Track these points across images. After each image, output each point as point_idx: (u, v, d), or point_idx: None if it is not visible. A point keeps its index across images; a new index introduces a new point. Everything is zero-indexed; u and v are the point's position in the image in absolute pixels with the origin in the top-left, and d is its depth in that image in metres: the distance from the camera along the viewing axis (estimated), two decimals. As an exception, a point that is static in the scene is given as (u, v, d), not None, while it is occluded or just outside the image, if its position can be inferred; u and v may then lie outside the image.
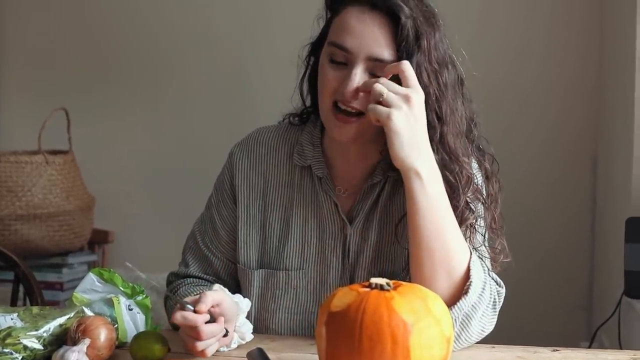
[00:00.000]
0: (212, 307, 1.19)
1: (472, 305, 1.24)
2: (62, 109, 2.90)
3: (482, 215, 1.33)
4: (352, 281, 1.38)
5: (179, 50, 3.18)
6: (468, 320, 1.24)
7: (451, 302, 1.23)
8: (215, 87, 3.15)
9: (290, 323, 1.39)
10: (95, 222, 3.08)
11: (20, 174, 2.79)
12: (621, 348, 2.10)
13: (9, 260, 1.96)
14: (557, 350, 1.27)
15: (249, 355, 1.18)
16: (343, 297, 1.06)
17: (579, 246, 2.86)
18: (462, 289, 1.23)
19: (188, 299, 1.19)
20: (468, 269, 1.24)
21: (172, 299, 1.46)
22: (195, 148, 3.13)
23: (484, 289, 1.25)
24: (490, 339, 1.36)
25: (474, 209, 1.31)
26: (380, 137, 1.30)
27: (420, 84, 1.24)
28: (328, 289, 1.38)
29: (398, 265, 1.37)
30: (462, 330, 1.25)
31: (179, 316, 1.15)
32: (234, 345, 1.26)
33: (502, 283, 1.33)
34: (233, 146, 1.48)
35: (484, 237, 1.34)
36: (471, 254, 1.26)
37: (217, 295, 1.21)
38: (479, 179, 1.36)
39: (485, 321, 1.28)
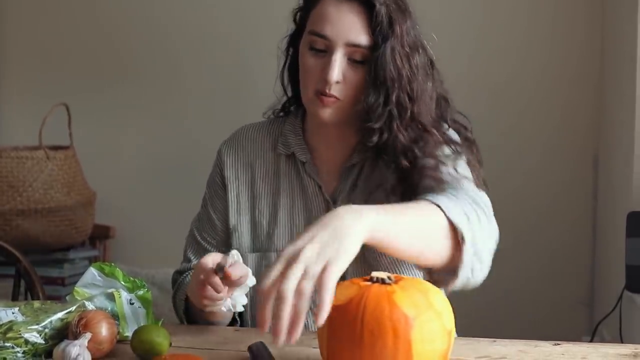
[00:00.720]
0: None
1: (472, 239, 1.18)
2: (63, 104, 2.90)
3: (457, 161, 1.36)
4: None
5: (181, 46, 3.18)
6: (479, 253, 1.20)
7: (458, 254, 1.18)
8: (218, 83, 3.15)
9: None
10: (97, 218, 3.09)
11: (21, 169, 2.80)
12: (622, 342, 2.11)
13: (10, 256, 1.96)
14: (558, 344, 1.27)
15: (250, 348, 1.18)
16: (344, 290, 1.05)
17: (581, 241, 2.86)
18: (457, 237, 1.18)
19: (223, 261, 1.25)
20: (447, 217, 1.17)
21: (181, 289, 1.48)
22: (197, 144, 3.13)
23: (469, 218, 1.20)
24: (491, 333, 1.36)
25: (445, 161, 1.34)
26: (356, 119, 1.38)
27: (394, 66, 1.32)
28: None
29: None
30: (481, 262, 1.21)
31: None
32: (223, 309, 1.30)
33: (478, 191, 1.30)
34: (220, 144, 1.57)
35: (456, 170, 1.34)
36: (438, 205, 1.19)
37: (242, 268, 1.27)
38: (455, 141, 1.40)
39: (488, 233, 1.24)
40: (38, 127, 2.81)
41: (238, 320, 1.45)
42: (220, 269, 1.24)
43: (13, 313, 1.24)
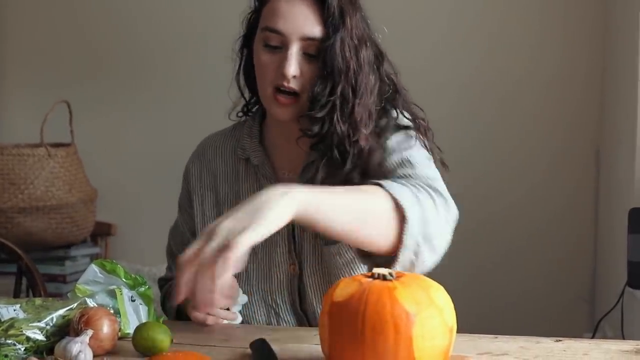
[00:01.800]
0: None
1: (420, 220, 1.17)
2: (65, 101, 2.90)
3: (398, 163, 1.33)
4: (299, 257, 1.42)
5: (185, 43, 3.18)
6: (429, 237, 1.18)
7: (401, 230, 1.16)
8: (220, 80, 3.13)
9: (248, 304, 1.43)
10: (98, 215, 3.09)
11: (23, 166, 2.80)
12: (624, 339, 2.10)
13: (12, 253, 1.97)
14: (560, 340, 1.27)
15: (252, 345, 1.18)
16: (346, 287, 1.05)
17: (582, 237, 2.86)
18: (400, 216, 1.16)
19: None
20: (392, 196, 1.17)
21: (170, 299, 1.55)
22: (198, 141, 3.13)
23: (419, 199, 1.19)
24: (493, 329, 1.36)
25: (396, 150, 1.33)
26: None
27: (342, 58, 1.31)
28: (276, 267, 1.43)
29: None
30: (431, 248, 1.19)
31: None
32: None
33: (433, 176, 1.29)
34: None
35: (409, 158, 1.33)
36: (380, 185, 1.20)
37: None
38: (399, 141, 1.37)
39: (445, 217, 1.22)
40: (39, 124, 2.81)
41: None
42: None
43: (14, 310, 1.24)
